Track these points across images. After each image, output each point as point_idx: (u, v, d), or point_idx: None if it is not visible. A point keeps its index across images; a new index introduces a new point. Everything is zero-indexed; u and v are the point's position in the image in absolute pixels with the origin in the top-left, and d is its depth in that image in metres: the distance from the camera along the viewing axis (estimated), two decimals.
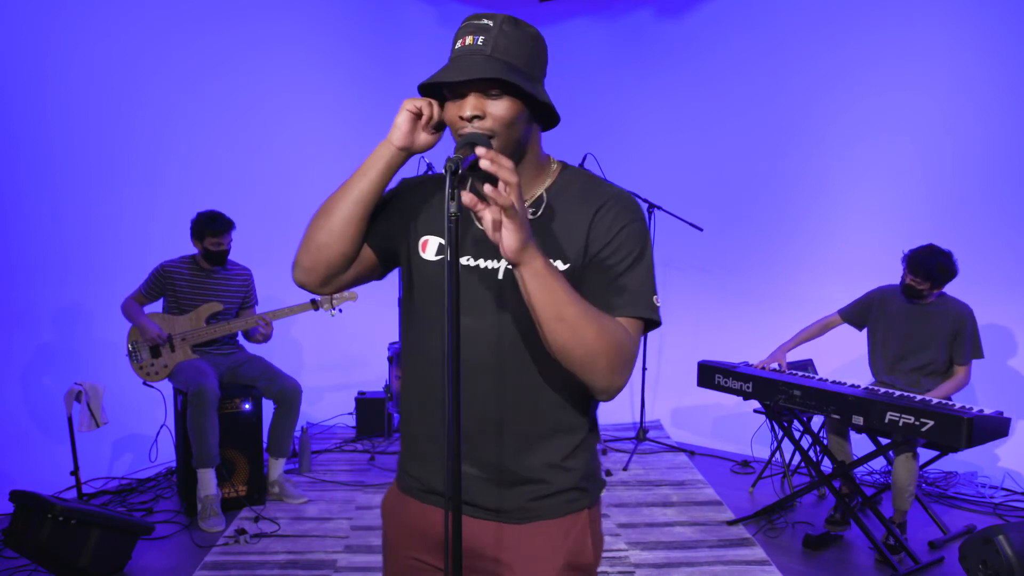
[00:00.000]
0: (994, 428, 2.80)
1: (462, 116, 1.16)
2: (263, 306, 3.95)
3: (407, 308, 1.36)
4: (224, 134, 4.60)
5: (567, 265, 1.22)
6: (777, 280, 4.87)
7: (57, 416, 3.47)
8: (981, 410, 2.79)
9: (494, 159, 1.04)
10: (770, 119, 4.90)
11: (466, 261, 1.26)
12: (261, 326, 3.76)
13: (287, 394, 3.73)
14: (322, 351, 5.16)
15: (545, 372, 1.23)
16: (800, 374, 3.47)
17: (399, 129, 1.21)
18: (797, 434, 3.57)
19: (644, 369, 4.89)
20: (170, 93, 4.33)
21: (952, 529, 3.45)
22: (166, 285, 3.67)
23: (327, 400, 5.19)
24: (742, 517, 3.53)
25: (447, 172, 1.03)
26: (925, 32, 4.27)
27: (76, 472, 3.31)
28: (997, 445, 4.02)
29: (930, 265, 3.27)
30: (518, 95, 1.17)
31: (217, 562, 3.07)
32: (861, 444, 3.68)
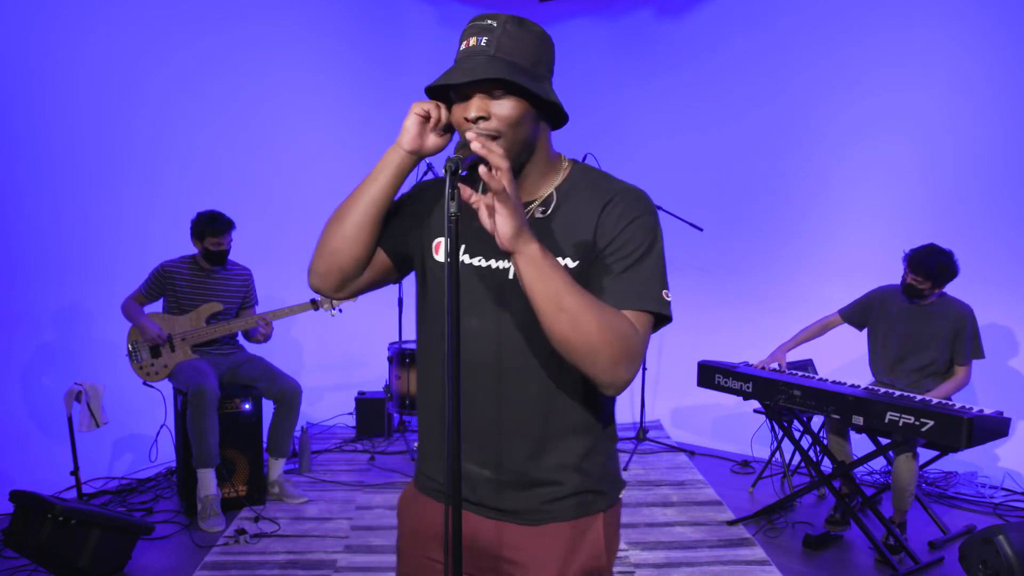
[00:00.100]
0: (994, 428, 2.80)
1: (467, 118, 1.16)
2: (263, 306, 3.95)
3: (422, 310, 1.36)
4: (224, 134, 4.60)
5: (577, 262, 1.20)
6: (777, 280, 4.87)
7: (57, 416, 3.47)
8: (981, 410, 2.79)
9: (484, 143, 1.05)
10: (770, 119, 4.90)
11: (477, 262, 1.26)
12: (261, 326, 3.76)
13: (287, 394, 3.73)
14: (322, 351, 5.16)
15: (557, 373, 1.22)
16: (800, 374, 3.46)
17: (408, 133, 1.21)
18: (797, 434, 3.57)
19: (644, 369, 4.89)
20: (170, 93, 4.33)
21: (952, 529, 3.45)
22: (166, 285, 3.67)
23: (327, 400, 5.19)
24: (742, 517, 3.53)
25: (447, 172, 1.03)
26: (925, 32, 4.27)
27: (76, 472, 3.31)
28: (997, 445, 4.02)
29: (931, 264, 3.27)
30: (523, 95, 1.16)
31: (217, 562, 3.07)
32: (861, 444, 3.68)
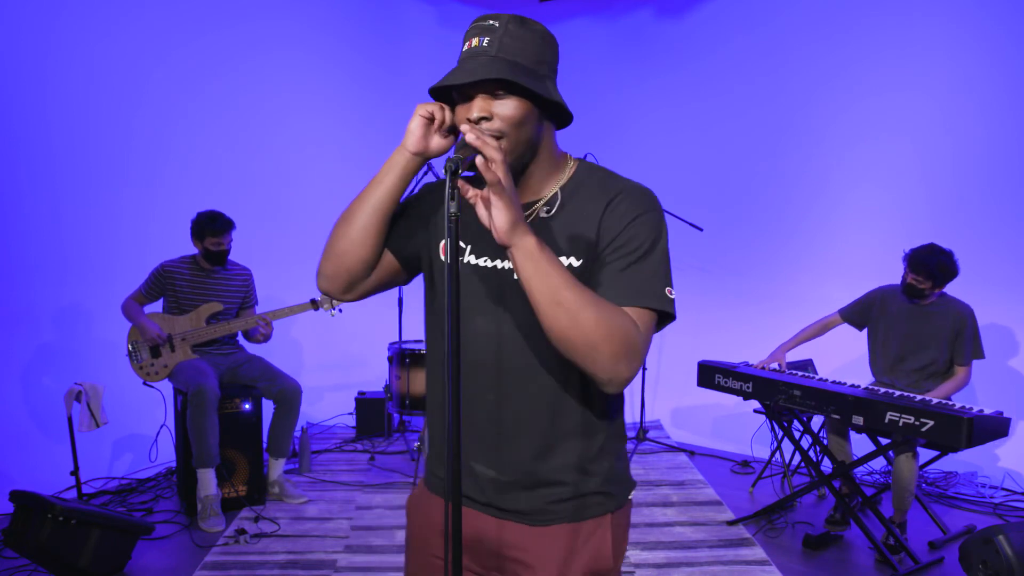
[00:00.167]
0: (994, 428, 2.80)
1: (469, 118, 1.16)
2: (263, 306, 3.95)
3: (430, 311, 1.36)
4: (224, 134, 4.60)
5: (581, 261, 1.20)
6: (777, 280, 4.87)
7: (57, 416, 3.47)
8: (981, 410, 2.79)
9: (479, 135, 1.06)
10: (770, 119, 4.90)
11: (483, 262, 1.26)
12: (261, 326, 3.76)
13: (287, 394, 3.73)
14: (322, 351, 5.16)
15: (564, 373, 1.22)
16: (800, 374, 3.46)
17: (413, 134, 1.20)
18: (797, 434, 3.57)
19: (644, 369, 4.90)
20: (170, 93, 4.33)
21: (952, 529, 3.45)
22: (166, 285, 3.67)
23: (327, 400, 5.19)
24: (742, 517, 3.53)
25: (447, 172, 1.03)
26: (925, 32, 4.27)
27: (76, 472, 3.32)
28: (997, 445, 4.03)
29: (932, 264, 3.27)
30: (525, 94, 1.16)
31: (217, 562, 3.07)
32: (861, 444, 3.68)
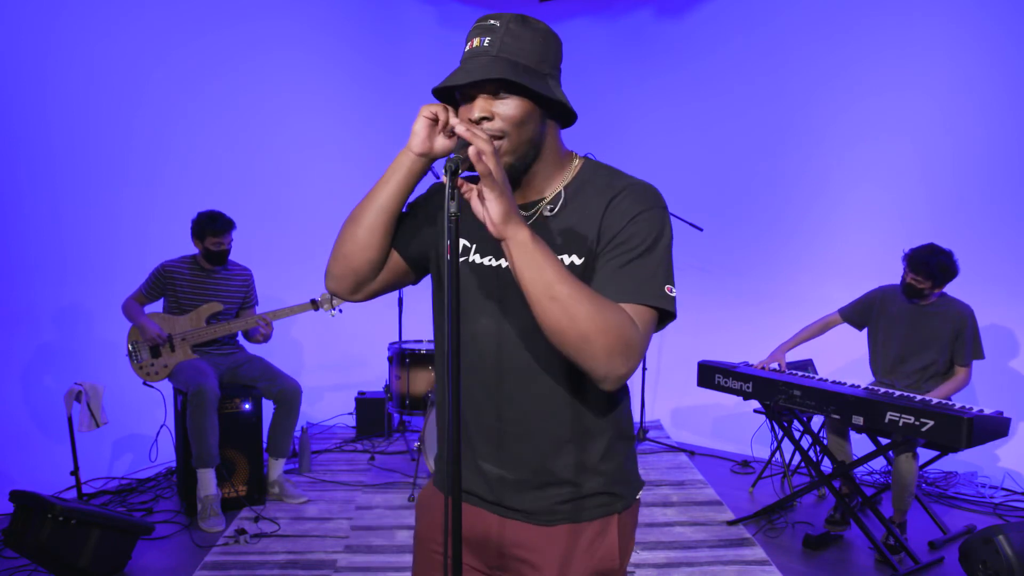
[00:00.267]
0: (994, 428, 2.80)
1: (471, 118, 1.16)
2: (263, 306, 3.95)
3: (438, 311, 1.36)
4: (224, 134, 4.60)
5: (583, 259, 1.20)
6: (777, 280, 4.87)
7: (57, 416, 3.47)
8: (981, 410, 2.79)
9: (469, 127, 1.07)
10: (770, 119, 4.90)
11: (487, 261, 1.26)
12: (261, 326, 3.76)
13: (287, 394, 3.73)
14: (322, 351, 5.16)
15: (570, 373, 1.21)
16: (800, 374, 3.46)
17: (417, 136, 1.20)
18: (797, 434, 3.57)
19: (644, 369, 4.90)
20: (170, 93, 4.33)
21: (952, 529, 3.45)
22: (167, 285, 3.67)
23: (327, 400, 5.19)
24: (742, 517, 3.53)
25: (447, 173, 1.04)
26: (925, 32, 4.27)
27: (76, 472, 3.32)
28: (997, 445, 4.02)
29: (932, 264, 3.27)
30: (526, 94, 1.16)
31: (217, 562, 3.07)
32: (861, 444, 3.68)
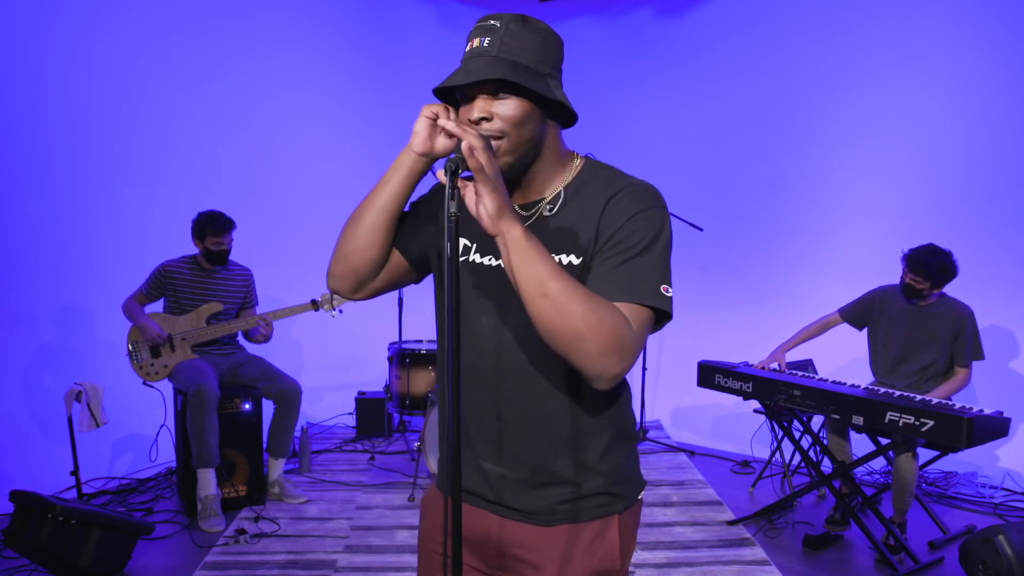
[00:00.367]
0: (994, 428, 2.80)
1: (470, 119, 1.16)
2: (263, 306, 3.95)
3: (439, 310, 1.36)
4: (224, 134, 4.60)
5: (581, 258, 1.20)
6: (777, 280, 4.87)
7: (57, 416, 3.47)
8: (981, 410, 2.79)
9: (460, 123, 1.08)
10: (770, 119, 4.90)
11: (488, 261, 1.27)
12: (261, 326, 3.76)
13: (287, 394, 3.73)
14: (322, 351, 5.16)
15: (571, 373, 1.21)
16: (800, 374, 3.46)
17: (418, 135, 1.20)
18: (797, 434, 3.57)
19: (644, 369, 4.90)
20: (170, 93, 4.33)
21: (952, 529, 3.45)
22: (167, 285, 3.67)
23: (327, 400, 5.19)
24: (742, 517, 3.53)
25: (447, 173, 1.04)
26: (925, 32, 4.27)
27: (76, 472, 3.31)
28: (997, 445, 4.02)
29: (931, 264, 3.27)
30: (525, 94, 1.16)
31: (217, 562, 3.07)
32: (861, 444, 3.68)
